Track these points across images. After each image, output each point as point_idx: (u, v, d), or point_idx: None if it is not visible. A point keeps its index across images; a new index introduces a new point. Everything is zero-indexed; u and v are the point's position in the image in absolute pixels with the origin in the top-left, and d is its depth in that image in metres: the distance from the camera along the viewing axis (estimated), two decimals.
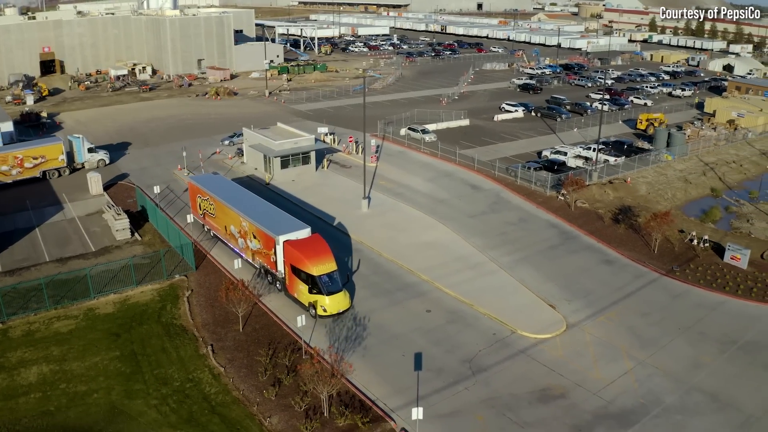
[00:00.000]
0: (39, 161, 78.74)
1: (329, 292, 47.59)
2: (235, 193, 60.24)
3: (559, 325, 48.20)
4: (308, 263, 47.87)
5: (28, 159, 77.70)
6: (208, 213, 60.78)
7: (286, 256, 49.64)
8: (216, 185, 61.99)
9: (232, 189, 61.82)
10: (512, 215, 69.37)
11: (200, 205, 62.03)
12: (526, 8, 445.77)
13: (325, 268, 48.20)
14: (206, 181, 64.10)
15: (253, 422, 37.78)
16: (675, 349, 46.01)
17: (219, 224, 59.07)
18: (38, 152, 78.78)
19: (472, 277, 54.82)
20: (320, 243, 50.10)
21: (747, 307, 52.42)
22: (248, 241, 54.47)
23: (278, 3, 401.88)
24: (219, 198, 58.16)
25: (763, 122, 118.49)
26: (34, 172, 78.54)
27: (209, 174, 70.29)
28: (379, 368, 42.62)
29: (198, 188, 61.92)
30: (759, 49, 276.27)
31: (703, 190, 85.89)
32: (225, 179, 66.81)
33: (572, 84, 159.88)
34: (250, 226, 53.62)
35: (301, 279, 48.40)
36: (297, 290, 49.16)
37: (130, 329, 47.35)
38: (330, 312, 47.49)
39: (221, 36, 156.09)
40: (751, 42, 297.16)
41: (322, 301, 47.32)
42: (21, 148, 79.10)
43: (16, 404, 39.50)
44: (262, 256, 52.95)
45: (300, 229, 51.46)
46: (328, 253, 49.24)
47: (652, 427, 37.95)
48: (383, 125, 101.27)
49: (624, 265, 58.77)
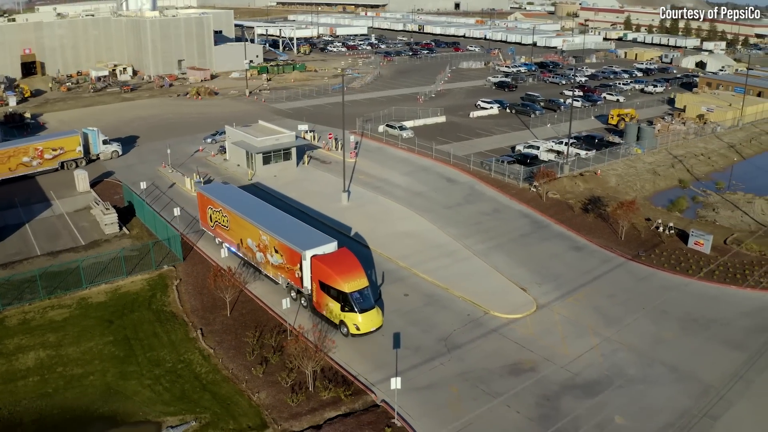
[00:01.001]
0: (58, 153, 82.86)
1: (362, 310, 45.61)
2: (250, 204, 57.79)
3: (529, 306, 51.21)
4: (339, 279, 45.80)
5: (47, 150, 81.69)
6: (221, 225, 58.28)
7: (314, 271, 47.36)
8: (228, 196, 59.44)
9: (246, 200, 59.27)
10: (486, 206, 72.32)
11: (211, 217, 59.63)
12: (503, 7, 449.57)
13: (357, 284, 46.18)
14: (217, 191, 61.23)
15: (242, 398, 40.32)
16: (639, 326, 49.07)
17: (234, 237, 56.74)
18: (57, 144, 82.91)
19: (448, 263, 57.67)
20: (350, 258, 48.12)
21: (708, 288, 55.51)
22: (268, 256, 52.08)
23: (256, 3, 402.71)
24: (234, 210, 55.65)
25: (731, 116, 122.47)
26: (53, 163, 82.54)
27: (218, 183, 68.10)
28: (360, 347, 45.30)
29: (209, 199, 59.33)
30: (732, 47, 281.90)
31: (671, 181, 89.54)
32: (236, 189, 63.62)
33: (547, 81, 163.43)
34: (271, 240, 51.15)
35: (330, 296, 46.33)
36: (326, 308, 47.07)
37: (122, 316, 49.67)
38: (363, 330, 45.49)
39: (201, 37, 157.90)
40: (725, 39, 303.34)
41: (354, 320, 45.34)
42: (41, 140, 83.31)
43: (16, 387, 41.60)
44: (285, 271, 50.57)
45: (326, 243, 49.17)
46: (359, 268, 47.23)
47: (615, 396, 40.87)
48: (362, 122, 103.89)
49: (592, 251, 61.90)
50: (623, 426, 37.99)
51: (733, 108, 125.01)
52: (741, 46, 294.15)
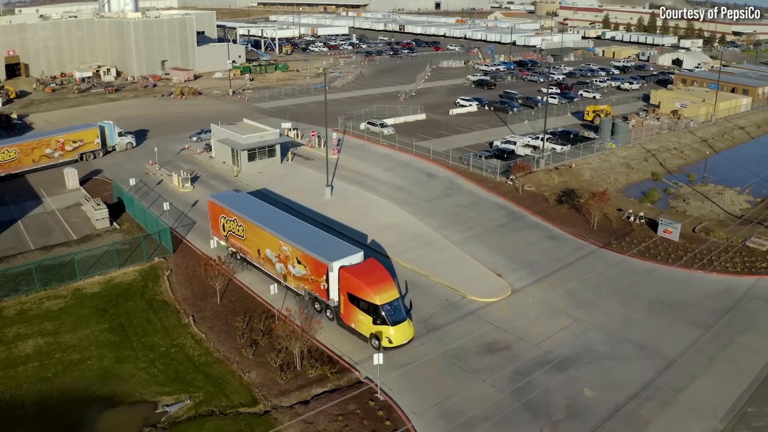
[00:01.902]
0: (78, 144, 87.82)
1: (394, 322, 44.65)
2: (267, 214, 56.52)
3: (504, 290, 53.97)
4: (370, 292, 44.71)
5: (68, 142, 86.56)
6: (235, 234, 57.03)
7: (342, 283, 46.23)
8: (243, 205, 58.28)
9: (262, 208, 58.11)
10: (464, 199, 75.04)
11: (224, 226, 58.43)
12: (483, 7, 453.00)
13: (388, 296, 45.18)
14: (230, 200, 59.86)
15: (234, 377, 42.73)
16: (608, 308, 51.88)
17: (249, 247, 55.45)
18: (77, 136, 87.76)
19: (428, 252, 60.31)
20: (379, 268, 47.27)
21: (676, 273, 58.38)
22: (290, 267, 50.85)
23: (237, 4, 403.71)
24: (251, 220, 54.41)
25: (705, 112, 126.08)
26: (73, 155, 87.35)
27: (230, 192, 66.32)
28: (344, 330, 47.78)
29: (222, 208, 58.13)
30: (709, 44, 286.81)
31: (644, 174, 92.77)
32: (249, 197, 62.63)
33: (525, 80, 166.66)
34: (293, 250, 49.80)
35: (360, 308, 45.30)
36: (355, 320, 46.14)
37: (116, 305, 51.90)
38: (396, 343, 44.53)
39: (184, 37, 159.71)
40: (702, 37, 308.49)
41: (386, 332, 44.33)
42: (62, 133, 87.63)
43: (16, 372, 43.67)
44: (308, 283, 49.40)
45: (353, 253, 48.03)
46: (389, 279, 46.43)
47: (584, 371, 43.59)
48: (344, 120, 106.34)
49: (565, 239, 64.76)
50: (591, 397, 40.65)
51: (707, 104, 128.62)
52: (718, 44, 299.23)
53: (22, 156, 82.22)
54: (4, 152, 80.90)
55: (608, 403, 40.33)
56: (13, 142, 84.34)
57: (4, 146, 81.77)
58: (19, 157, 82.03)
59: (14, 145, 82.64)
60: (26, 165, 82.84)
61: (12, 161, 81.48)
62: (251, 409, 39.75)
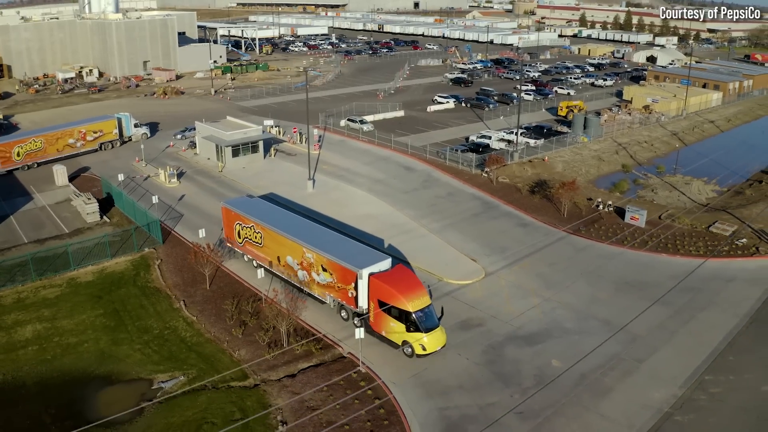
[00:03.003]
0: (98, 135, 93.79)
1: (427, 329, 44.47)
2: (287, 220, 55.89)
3: (478, 273, 57.20)
4: (403, 299, 44.38)
5: (89, 133, 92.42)
6: (251, 242, 56.32)
7: (372, 290, 45.88)
8: (260, 211, 57.63)
9: (280, 215, 57.49)
10: (441, 190, 78.20)
11: (239, 233, 57.69)
12: (461, 6, 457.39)
13: (421, 302, 44.94)
14: (246, 206, 59.07)
15: (224, 355, 45.55)
16: (576, 288, 55.22)
17: (268, 254, 54.68)
18: (97, 127, 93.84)
19: (406, 240, 63.32)
20: (409, 275, 47.35)
21: (641, 256, 61.80)
22: (314, 274, 50.31)
23: (216, 5, 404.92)
24: (271, 226, 53.60)
25: (676, 107, 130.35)
26: (93, 145, 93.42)
27: (243, 198, 64.94)
28: (327, 312, 50.74)
29: (238, 215, 57.26)
30: (684, 41, 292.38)
31: (615, 166, 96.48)
32: (265, 202, 62.00)
33: (501, 77, 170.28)
34: (318, 258, 49.24)
35: (392, 316, 45.01)
36: (386, 328, 45.75)
37: (110, 292, 54.50)
38: (429, 350, 44.33)
39: (166, 38, 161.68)
40: (677, 35, 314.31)
41: (419, 339, 44.15)
42: (84, 124, 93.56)
43: (17, 356, 46.11)
44: (335, 290, 48.92)
45: (381, 260, 47.65)
46: (420, 285, 46.25)
47: (553, 345, 46.81)
48: (324, 117, 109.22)
49: (537, 227, 68.08)
50: (559, 368, 43.81)
51: (678, 99, 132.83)
52: (693, 41, 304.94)
53: (47, 146, 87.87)
54: (31, 142, 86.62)
55: (574, 372, 43.52)
56: (39, 132, 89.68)
57: (30, 137, 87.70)
58: (45, 147, 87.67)
59: (40, 135, 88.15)
60: (51, 154, 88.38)
61: (38, 151, 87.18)
62: (242, 383, 42.59)
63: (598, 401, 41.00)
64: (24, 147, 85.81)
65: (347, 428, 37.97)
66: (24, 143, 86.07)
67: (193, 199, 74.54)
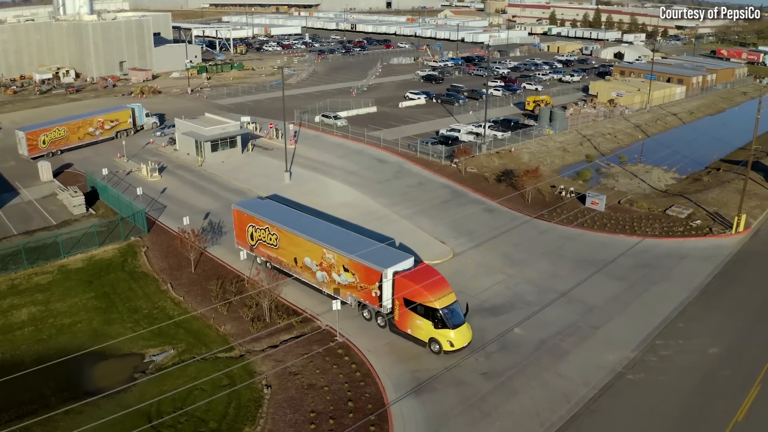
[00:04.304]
0: (114, 124, 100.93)
1: (454, 325, 45.54)
2: (302, 221, 56.10)
3: (447, 253, 61.28)
4: (430, 296, 45.46)
5: (107, 122, 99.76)
6: (266, 243, 56.45)
7: (398, 289, 46.74)
8: (274, 212, 57.70)
9: (295, 216, 57.59)
10: (412, 180, 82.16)
11: (252, 235, 57.86)
12: (434, 5, 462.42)
13: (447, 300, 46.08)
14: (260, 208, 59.05)
15: (211, 330, 49.03)
16: (538, 266, 59.39)
17: (284, 256, 55.00)
18: (114, 117, 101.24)
19: (379, 225, 66.97)
20: (434, 273, 48.07)
21: (600, 237, 66.17)
22: (334, 275, 50.79)
23: (189, 5, 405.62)
24: (288, 228, 53.85)
25: (639, 100, 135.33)
26: (110, 133, 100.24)
27: (255, 199, 64.58)
28: (306, 290, 54.34)
29: (251, 217, 57.34)
30: (651, 38, 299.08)
31: (579, 156, 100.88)
32: (277, 204, 61.91)
33: (472, 74, 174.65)
34: (339, 258, 49.75)
35: (418, 313, 45.93)
36: (412, 326, 46.59)
37: (100, 277, 57.69)
38: (457, 346, 45.30)
39: (141, 39, 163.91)
40: (645, 31, 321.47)
41: (447, 336, 45.09)
42: (101, 114, 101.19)
43: (14, 336, 49.19)
44: (357, 291, 49.50)
45: (404, 259, 48.65)
46: (446, 283, 47.29)
47: (515, 315, 50.84)
48: (300, 114, 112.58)
49: (502, 212, 72.23)
50: (521, 335, 47.79)
51: (642, 93, 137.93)
52: (661, 38, 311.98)
53: (69, 134, 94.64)
54: (56, 131, 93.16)
55: (535, 338, 47.61)
56: (62, 122, 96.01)
57: (55, 126, 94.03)
58: (67, 135, 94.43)
59: (63, 124, 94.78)
60: (73, 142, 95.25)
61: (61, 139, 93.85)
62: (228, 354, 46.11)
63: (556, 363, 45.06)
64: (49, 135, 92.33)
65: (327, 389, 41.69)
66: (49, 132, 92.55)
67: (175, 192, 77.66)
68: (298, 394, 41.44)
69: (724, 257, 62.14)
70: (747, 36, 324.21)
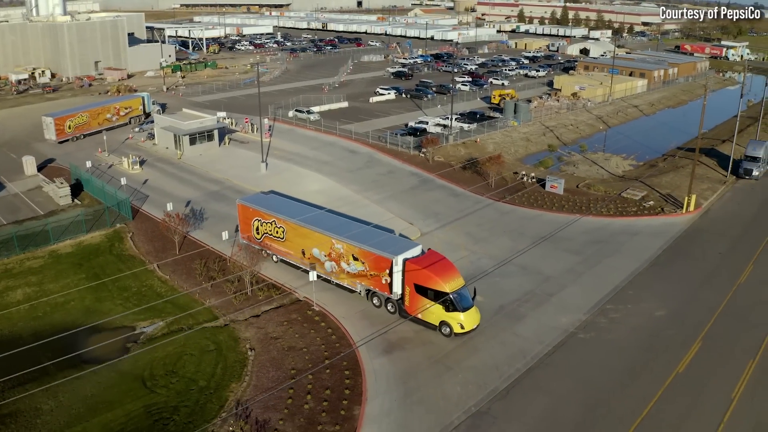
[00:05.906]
0: (128, 110, 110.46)
1: (464, 308, 47.61)
2: (308, 213, 57.38)
3: (415, 233, 65.61)
4: (440, 281, 47.48)
5: (122, 108, 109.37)
6: (272, 237, 58.08)
7: (408, 276, 48.64)
8: (279, 206, 59.28)
9: (300, 208, 58.96)
10: (382, 169, 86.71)
11: (257, 229, 59.37)
12: (404, 4, 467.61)
13: (456, 284, 48.17)
14: (264, 202, 60.67)
15: (197, 303, 52.99)
16: (499, 243, 64.11)
17: (291, 248, 56.70)
18: (128, 104, 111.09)
19: (351, 209, 70.22)
20: (443, 259, 49.97)
21: (558, 217, 71.02)
22: (343, 264, 52.60)
23: (160, 6, 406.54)
24: (294, 220, 55.31)
25: (602, 93, 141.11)
26: (125, 119, 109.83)
27: (259, 194, 65.29)
28: (284, 268, 58.45)
29: (256, 211, 58.97)
30: (618, 34, 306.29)
31: (542, 146, 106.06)
32: (280, 197, 63.33)
33: (440, 70, 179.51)
34: (348, 248, 51.52)
35: (429, 298, 47.82)
36: (423, 310, 48.54)
37: (89, 260, 61.36)
38: (467, 328, 47.42)
39: (116, 39, 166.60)
40: (611, 28, 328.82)
41: (457, 319, 47.17)
42: (118, 101, 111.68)
43: (11, 314, 52.57)
44: (367, 279, 51.37)
45: (413, 247, 50.71)
46: (454, 268, 49.47)
47: (477, 284, 54.21)
48: (274, 109, 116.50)
49: (467, 196, 77.01)
50: (482, 302, 52.05)
51: (604, 86, 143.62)
52: (627, 34, 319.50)
53: (90, 120, 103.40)
54: (79, 116, 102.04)
55: (494, 304, 52.23)
56: (84, 108, 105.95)
57: (78, 112, 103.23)
58: (89, 121, 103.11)
59: (85, 111, 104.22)
60: (93, 127, 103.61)
61: (84, 124, 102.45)
62: (214, 323, 50.18)
63: (513, 324, 49.76)
64: (74, 121, 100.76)
65: (305, 350, 45.98)
66: (73, 117, 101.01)
67: (156, 183, 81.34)
68: (279, 355, 45.66)
69: (674, 234, 67.37)
70: (712, 32, 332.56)
